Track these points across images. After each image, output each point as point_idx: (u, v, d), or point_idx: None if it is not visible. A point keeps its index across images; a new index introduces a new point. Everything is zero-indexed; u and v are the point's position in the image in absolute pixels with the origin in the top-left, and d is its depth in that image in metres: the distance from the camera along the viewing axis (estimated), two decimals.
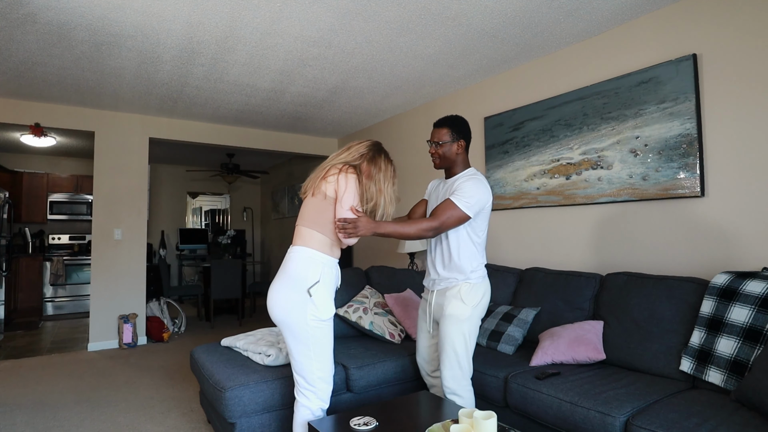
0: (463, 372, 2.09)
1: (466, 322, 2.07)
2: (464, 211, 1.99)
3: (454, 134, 2.12)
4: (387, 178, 1.97)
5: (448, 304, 2.10)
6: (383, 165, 1.98)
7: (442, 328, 2.11)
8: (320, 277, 1.84)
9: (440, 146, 2.12)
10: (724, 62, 2.38)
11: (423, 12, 2.67)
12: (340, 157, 1.96)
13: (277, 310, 1.86)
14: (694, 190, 2.47)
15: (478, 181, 2.07)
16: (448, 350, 2.08)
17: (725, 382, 1.91)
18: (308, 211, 1.92)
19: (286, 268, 1.88)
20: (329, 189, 1.87)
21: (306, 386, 1.88)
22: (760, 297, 1.90)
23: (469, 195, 2.00)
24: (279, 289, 1.87)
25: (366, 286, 3.33)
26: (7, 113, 4.25)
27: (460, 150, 2.14)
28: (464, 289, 2.08)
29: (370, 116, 4.98)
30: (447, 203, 2.01)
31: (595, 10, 2.66)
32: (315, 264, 1.85)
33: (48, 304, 6.43)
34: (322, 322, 1.85)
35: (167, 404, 3.09)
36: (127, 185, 4.81)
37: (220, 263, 5.67)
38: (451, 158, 2.15)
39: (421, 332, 2.34)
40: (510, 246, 3.57)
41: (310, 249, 1.87)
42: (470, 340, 2.09)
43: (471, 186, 2.03)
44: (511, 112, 3.52)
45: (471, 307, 2.07)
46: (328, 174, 1.90)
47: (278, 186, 8.29)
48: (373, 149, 2.00)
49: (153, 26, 2.83)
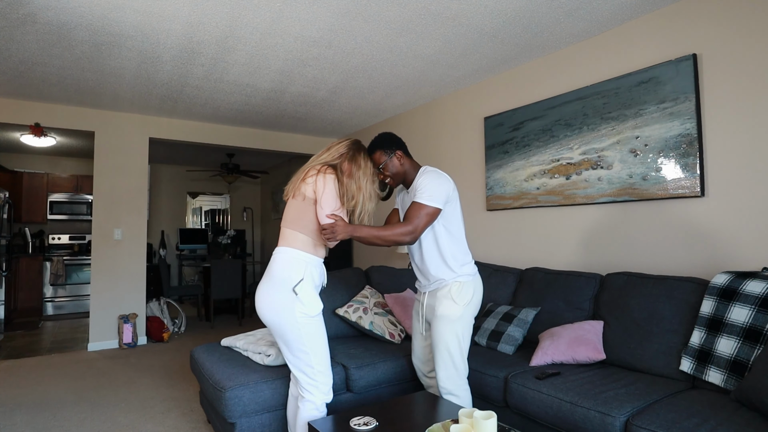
0: (458, 372, 2.09)
1: (458, 321, 2.07)
2: (431, 204, 2.00)
3: (386, 151, 2.13)
4: (366, 176, 2.00)
5: (439, 305, 2.10)
6: (363, 163, 2.01)
7: (434, 329, 2.11)
8: (304, 275, 1.88)
9: (384, 168, 2.13)
10: (724, 62, 2.38)
11: (423, 12, 2.67)
12: (321, 157, 2.00)
13: (266, 312, 1.89)
14: (694, 190, 2.47)
15: (433, 172, 2.09)
16: (442, 351, 2.08)
17: (725, 382, 1.91)
18: (290, 213, 1.96)
19: (271, 270, 1.92)
20: (308, 190, 1.92)
21: (308, 381, 1.90)
22: (760, 297, 1.90)
23: (429, 187, 2.02)
24: (265, 291, 1.91)
25: (366, 286, 3.33)
26: (7, 113, 4.25)
27: (402, 160, 2.14)
28: (454, 288, 2.08)
29: (370, 116, 4.98)
30: (413, 205, 2.02)
31: (595, 10, 2.66)
32: (299, 263, 1.89)
33: (48, 304, 6.43)
34: (311, 318, 1.88)
35: (167, 404, 3.09)
36: (127, 185, 4.81)
37: (220, 263, 5.67)
38: (400, 172, 2.15)
39: (415, 333, 2.35)
40: (510, 246, 3.57)
41: (294, 249, 1.91)
42: (464, 339, 2.09)
43: (428, 181, 2.04)
44: (511, 112, 3.52)
45: (462, 306, 2.07)
46: (307, 176, 1.94)
47: (278, 186, 8.29)
48: (353, 148, 2.03)
49: (153, 26, 2.83)
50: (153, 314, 5.06)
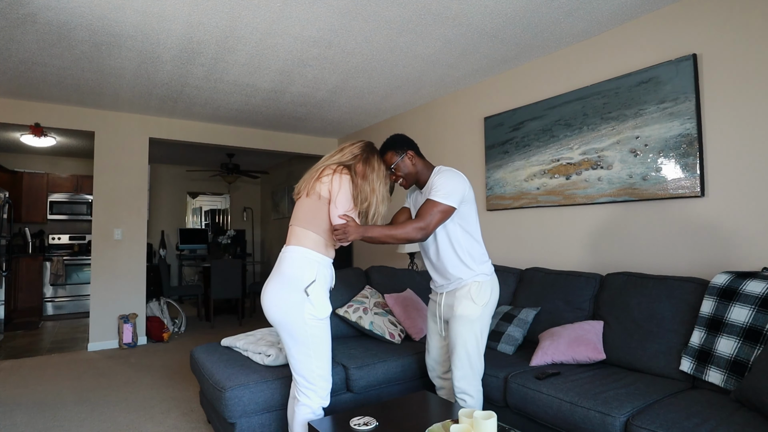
0: (474, 372, 2.08)
1: (477, 321, 2.06)
2: (445, 202, 1.99)
3: (398, 151, 2.13)
4: (380, 178, 2.00)
5: (458, 305, 2.08)
6: (377, 165, 2.01)
7: (452, 329, 2.10)
8: (316, 276, 1.85)
9: (396, 169, 2.13)
10: (724, 62, 2.38)
11: (423, 12, 2.67)
12: (334, 158, 1.99)
13: (274, 311, 1.85)
14: (694, 190, 2.47)
15: (448, 171, 2.09)
16: (460, 351, 2.07)
17: (725, 382, 1.91)
18: (302, 211, 1.93)
19: (280, 269, 1.88)
20: (323, 189, 1.90)
21: (306, 385, 1.88)
22: (760, 297, 1.90)
23: (445, 186, 2.01)
24: (274, 289, 1.87)
25: (366, 286, 3.33)
26: (7, 113, 4.25)
27: (414, 161, 2.15)
28: (474, 288, 2.07)
29: (370, 116, 4.98)
30: (427, 203, 2.02)
31: (595, 10, 2.66)
32: (310, 263, 1.86)
33: (48, 304, 6.43)
34: (320, 320, 1.86)
35: (167, 404, 3.09)
36: (127, 185, 4.81)
37: (220, 263, 5.67)
38: (412, 172, 2.15)
39: (431, 334, 2.32)
40: (510, 246, 3.57)
41: (305, 248, 1.88)
42: (482, 339, 2.09)
43: (443, 180, 2.04)
44: (511, 112, 3.52)
45: (481, 306, 2.06)
46: (323, 174, 1.92)
47: (278, 186, 8.29)
48: (366, 150, 2.03)
49: (153, 26, 2.83)
50: (153, 314, 5.06)
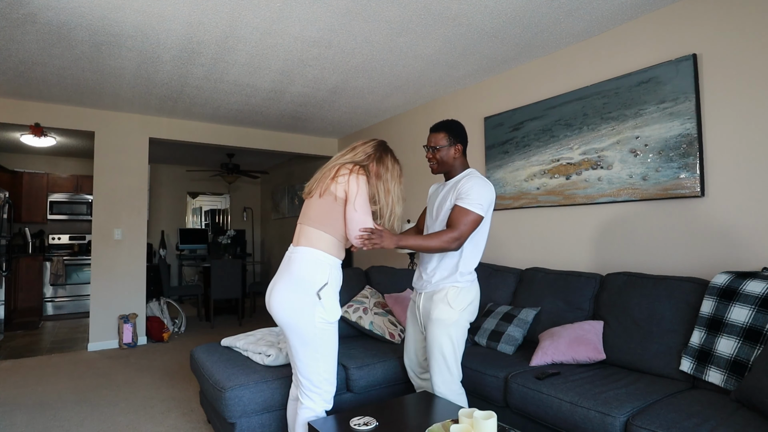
0: (452, 376, 2.08)
1: (453, 326, 2.05)
2: (478, 213, 1.98)
3: (451, 138, 2.10)
4: (394, 178, 1.95)
5: (434, 308, 2.08)
6: (390, 165, 1.96)
7: (429, 332, 2.10)
8: (329, 279, 1.81)
9: (437, 151, 2.10)
10: (724, 62, 2.38)
11: (423, 12, 2.67)
12: (346, 157, 1.92)
13: (283, 313, 1.80)
14: (694, 189, 2.47)
15: (480, 178, 2.07)
16: (437, 355, 2.06)
17: (725, 382, 1.91)
18: (315, 211, 1.86)
19: (290, 270, 1.82)
20: (339, 190, 1.83)
21: (311, 388, 1.84)
22: (760, 297, 1.90)
23: (478, 195, 1.99)
24: (284, 290, 1.81)
25: (366, 286, 3.33)
26: (7, 113, 4.25)
27: (457, 154, 2.12)
28: (451, 293, 2.06)
29: (370, 116, 4.98)
30: (459, 210, 1.98)
31: (595, 10, 2.66)
32: (323, 266, 1.81)
33: (48, 304, 6.43)
34: (329, 324, 1.82)
35: (167, 404, 3.09)
36: (127, 185, 4.81)
37: (220, 263, 5.67)
38: (449, 162, 2.13)
39: (410, 334, 2.32)
40: (510, 246, 3.57)
41: (318, 250, 1.82)
42: (458, 344, 2.08)
43: (477, 187, 2.01)
44: (511, 112, 3.52)
45: (458, 311, 2.05)
46: (338, 174, 1.84)
47: (278, 186, 8.29)
48: (380, 149, 1.97)
49: (153, 26, 2.83)
50: (153, 314, 5.06)
